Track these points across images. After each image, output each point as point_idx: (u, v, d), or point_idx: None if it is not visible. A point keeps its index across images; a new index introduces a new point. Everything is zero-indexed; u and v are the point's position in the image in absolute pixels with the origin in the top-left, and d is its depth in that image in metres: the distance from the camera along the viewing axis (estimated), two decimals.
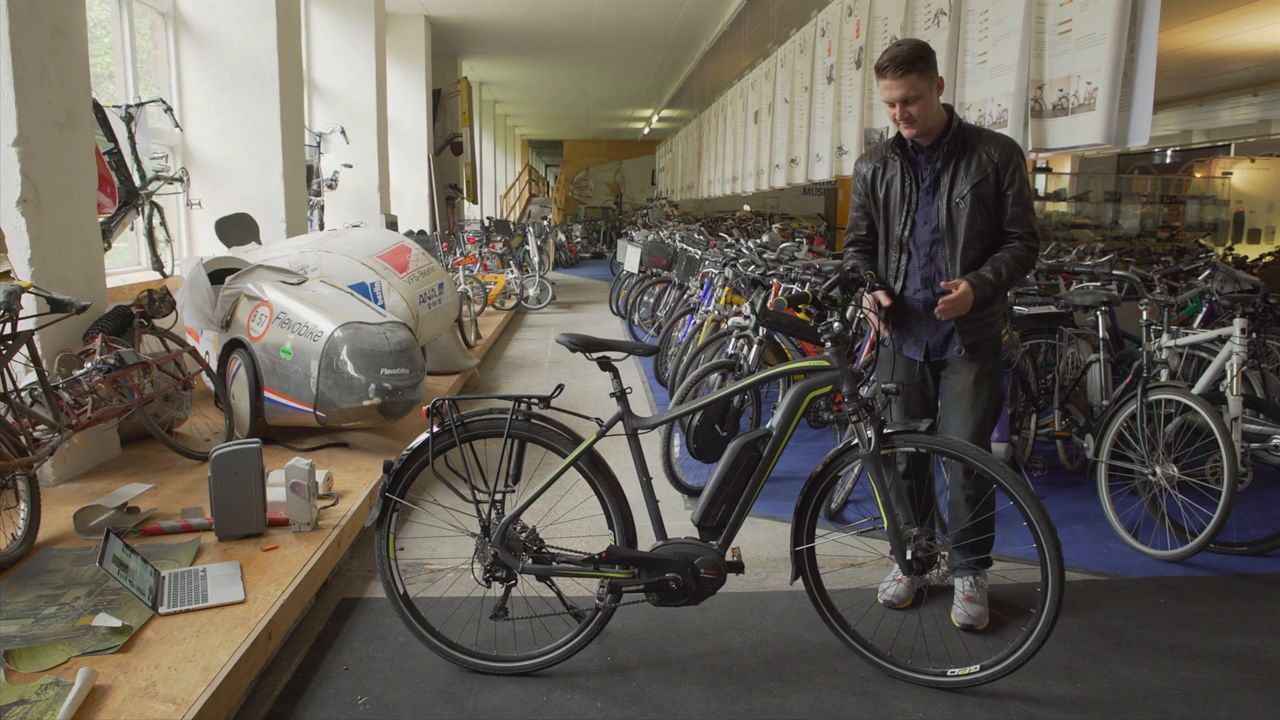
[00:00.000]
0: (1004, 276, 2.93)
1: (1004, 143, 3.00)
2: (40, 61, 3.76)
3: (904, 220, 3.05)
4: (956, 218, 2.97)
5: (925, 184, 3.02)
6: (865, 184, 3.16)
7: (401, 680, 2.70)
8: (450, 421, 2.66)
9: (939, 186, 3.00)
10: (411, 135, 11.85)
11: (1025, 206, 2.98)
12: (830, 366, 2.64)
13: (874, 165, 3.13)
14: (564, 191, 29.13)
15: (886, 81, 2.89)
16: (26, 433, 3.21)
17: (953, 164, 2.98)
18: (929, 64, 2.90)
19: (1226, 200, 17.02)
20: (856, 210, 3.22)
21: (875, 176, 3.12)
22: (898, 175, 3.06)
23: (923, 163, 3.03)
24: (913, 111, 2.90)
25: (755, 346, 4.34)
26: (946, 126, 2.98)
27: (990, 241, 3.01)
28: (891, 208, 3.09)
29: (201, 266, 4.62)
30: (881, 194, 3.11)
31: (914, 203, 3.04)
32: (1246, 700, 2.64)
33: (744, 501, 2.66)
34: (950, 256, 3.00)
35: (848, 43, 6.68)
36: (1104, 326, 4.45)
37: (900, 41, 2.97)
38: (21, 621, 2.62)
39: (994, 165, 2.94)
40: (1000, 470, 2.59)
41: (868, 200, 3.16)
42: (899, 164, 3.06)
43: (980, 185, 2.95)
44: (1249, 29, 10.20)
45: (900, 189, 3.05)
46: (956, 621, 3.06)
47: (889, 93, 2.90)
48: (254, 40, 6.25)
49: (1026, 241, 2.98)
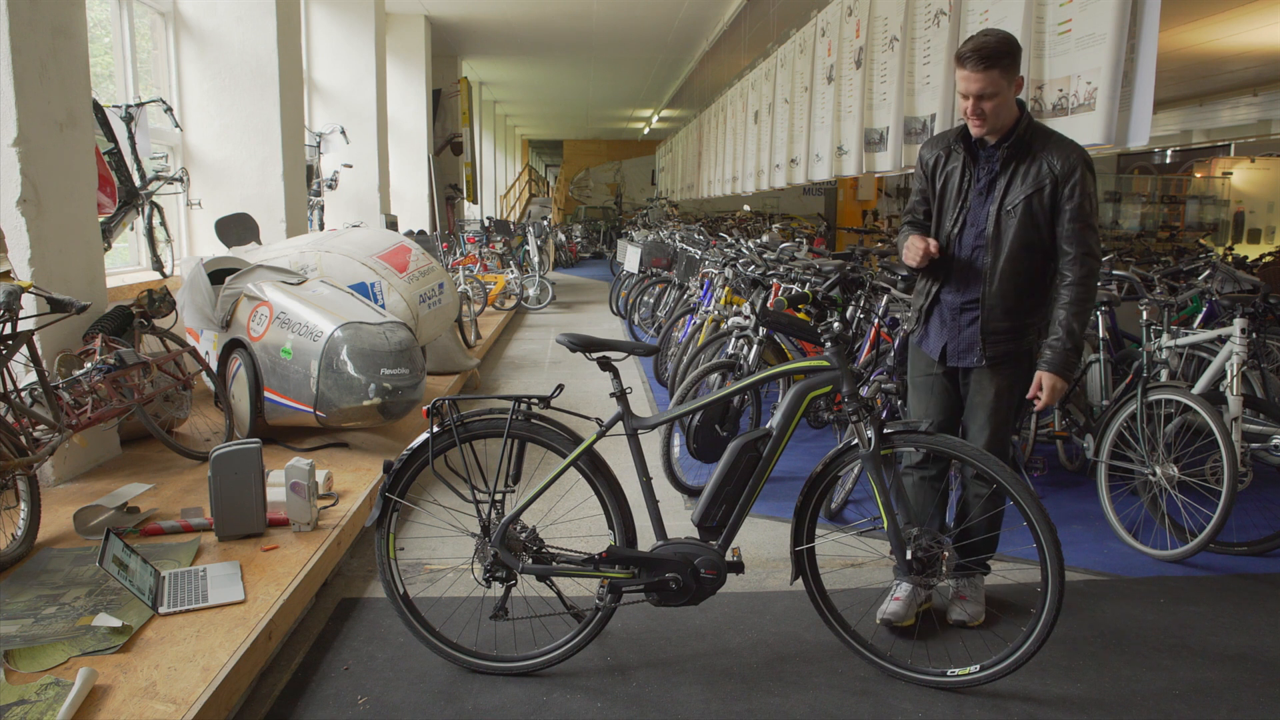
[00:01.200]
0: (1077, 328, 2.77)
1: (1069, 152, 2.79)
2: (40, 61, 3.76)
3: (956, 217, 2.93)
4: (1005, 227, 2.83)
5: (980, 184, 2.88)
6: (926, 170, 3.03)
7: (401, 680, 2.70)
8: (450, 421, 2.66)
9: (993, 190, 2.85)
10: (411, 135, 11.85)
11: (1084, 224, 2.77)
12: (830, 366, 2.64)
13: (937, 153, 2.99)
14: (564, 191, 29.14)
15: (965, 73, 2.72)
16: (26, 433, 3.21)
17: (1010, 169, 2.83)
18: (1014, 60, 2.73)
19: (1226, 200, 17.02)
20: (916, 195, 3.10)
21: (937, 165, 2.99)
22: (957, 170, 2.92)
23: (982, 160, 2.89)
24: (985, 108, 2.74)
25: (755, 346, 4.34)
26: (1014, 126, 2.81)
27: (1040, 257, 2.84)
28: (947, 201, 2.96)
29: (201, 266, 4.62)
30: (939, 185, 2.98)
31: (968, 201, 2.91)
32: (1246, 700, 2.64)
33: (744, 501, 2.66)
34: (991, 265, 2.86)
35: (848, 43, 6.67)
36: (1104, 326, 4.45)
37: (987, 31, 2.78)
38: (21, 621, 2.62)
39: (1053, 176, 2.76)
40: (1000, 470, 2.59)
41: (927, 186, 3.03)
42: (961, 158, 2.92)
43: (1035, 196, 2.78)
44: (1249, 29, 10.20)
45: (958, 184, 2.92)
46: (950, 618, 3.06)
47: (966, 84, 2.73)
48: (254, 40, 6.25)
49: (1084, 265, 2.77)
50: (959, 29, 4.92)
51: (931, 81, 5.25)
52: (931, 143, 3.06)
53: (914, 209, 3.12)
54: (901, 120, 5.59)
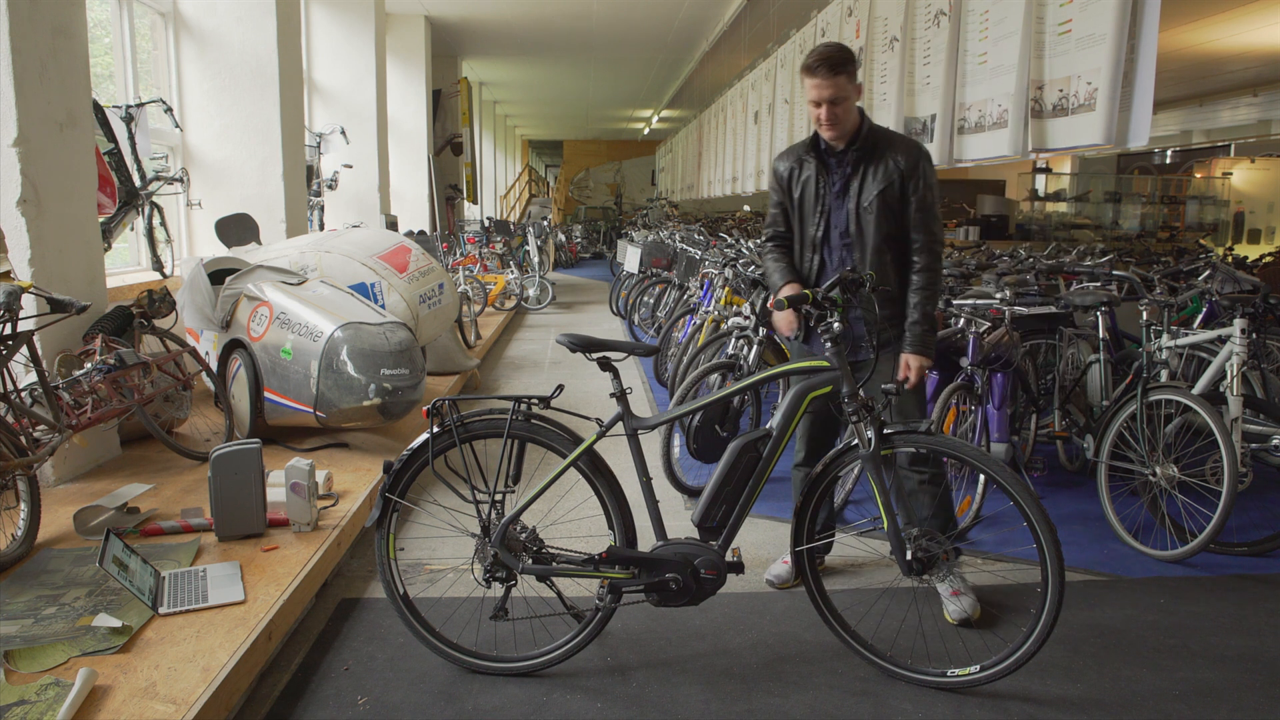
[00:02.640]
0: (930, 310, 3.03)
1: (911, 148, 3.05)
2: (40, 62, 3.76)
3: (818, 222, 3.12)
4: (865, 224, 3.04)
5: (836, 188, 3.09)
6: (782, 182, 3.21)
7: (401, 680, 2.70)
8: (450, 422, 2.66)
9: (848, 191, 3.07)
10: (411, 135, 11.85)
11: (928, 213, 3.03)
12: (830, 367, 2.64)
13: (791, 165, 3.19)
14: (564, 192, 29.14)
15: (816, 81, 2.93)
16: (26, 433, 3.21)
17: (861, 170, 3.04)
18: (854, 68, 2.98)
19: (1226, 200, 17.01)
20: (775, 208, 3.26)
21: (792, 176, 3.18)
22: (812, 177, 3.12)
23: (834, 166, 3.10)
24: (837, 113, 2.95)
25: (755, 347, 4.35)
26: (858, 130, 3.04)
27: (900, 246, 3.07)
28: (806, 209, 3.15)
29: (201, 267, 4.62)
30: (796, 194, 3.17)
31: (826, 205, 3.10)
32: (1246, 701, 2.64)
33: (744, 502, 2.66)
34: (861, 260, 3.06)
35: (848, 43, 6.68)
36: (1104, 327, 4.44)
37: (827, 43, 3.03)
38: (21, 622, 2.62)
39: (899, 171, 3.00)
40: (1000, 470, 2.59)
41: (785, 198, 3.22)
42: (814, 166, 3.12)
43: (886, 191, 3.01)
44: (1249, 29, 10.20)
45: (815, 191, 3.12)
46: (952, 619, 3.06)
47: (818, 92, 2.94)
48: (254, 40, 6.26)
49: (931, 251, 3.04)
50: (959, 29, 4.92)
51: (931, 82, 5.25)
52: (783, 156, 3.24)
53: (775, 221, 3.27)
54: (902, 121, 5.59)
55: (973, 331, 3.90)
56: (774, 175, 3.25)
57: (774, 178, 3.25)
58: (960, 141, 4.95)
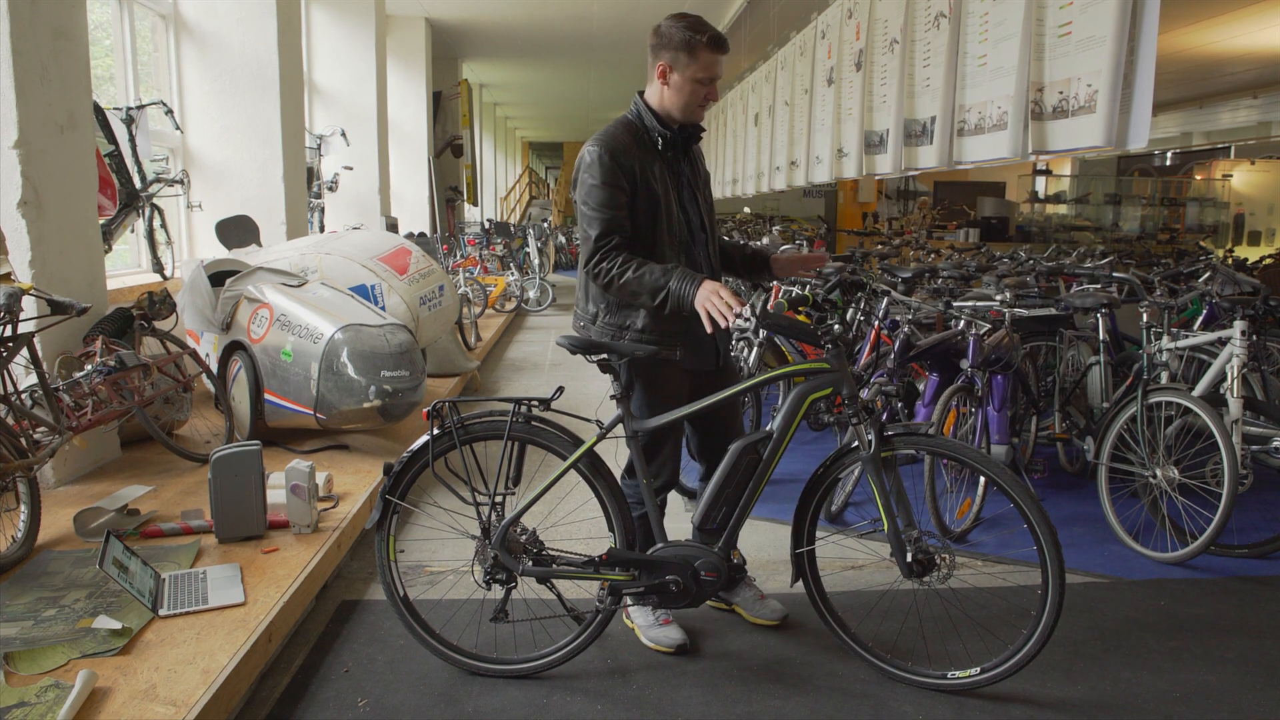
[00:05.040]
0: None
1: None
2: (41, 64, 3.77)
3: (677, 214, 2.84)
4: (705, 209, 2.94)
5: (683, 177, 2.90)
6: (626, 174, 2.74)
7: (402, 682, 2.69)
8: (450, 424, 2.66)
9: (683, 178, 2.90)
10: (412, 137, 11.85)
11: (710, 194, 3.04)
12: (830, 369, 2.64)
13: (631, 156, 2.75)
14: (564, 194, 29.12)
15: (718, 57, 2.75)
16: (27, 435, 3.21)
17: (687, 155, 2.94)
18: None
19: (1226, 202, 17.01)
20: (618, 207, 2.72)
21: (635, 166, 2.75)
22: (655, 165, 2.80)
23: (669, 153, 2.86)
24: (714, 93, 2.84)
25: (755, 349, 4.35)
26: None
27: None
28: (659, 198, 2.78)
29: (202, 268, 4.62)
30: (645, 186, 2.76)
31: (681, 194, 2.88)
32: (1247, 702, 2.63)
33: (744, 504, 2.66)
34: (712, 251, 2.95)
35: (848, 45, 6.68)
36: (1104, 329, 4.45)
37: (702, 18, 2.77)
38: (21, 623, 2.62)
39: (700, 153, 3.01)
40: (1000, 472, 2.58)
41: (629, 191, 2.75)
42: (655, 155, 2.82)
43: (706, 174, 3.02)
44: (1248, 31, 10.22)
45: (661, 179, 2.80)
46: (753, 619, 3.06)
47: (717, 68, 2.77)
48: (254, 42, 6.26)
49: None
50: (959, 31, 4.92)
51: (931, 84, 5.25)
52: (620, 148, 2.75)
53: (618, 221, 2.72)
54: (901, 122, 5.59)
55: (973, 333, 3.90)
56: (616, 169, 2.72)
57: (615, 171, 2.71)
58: (960, 144, 4.94)
